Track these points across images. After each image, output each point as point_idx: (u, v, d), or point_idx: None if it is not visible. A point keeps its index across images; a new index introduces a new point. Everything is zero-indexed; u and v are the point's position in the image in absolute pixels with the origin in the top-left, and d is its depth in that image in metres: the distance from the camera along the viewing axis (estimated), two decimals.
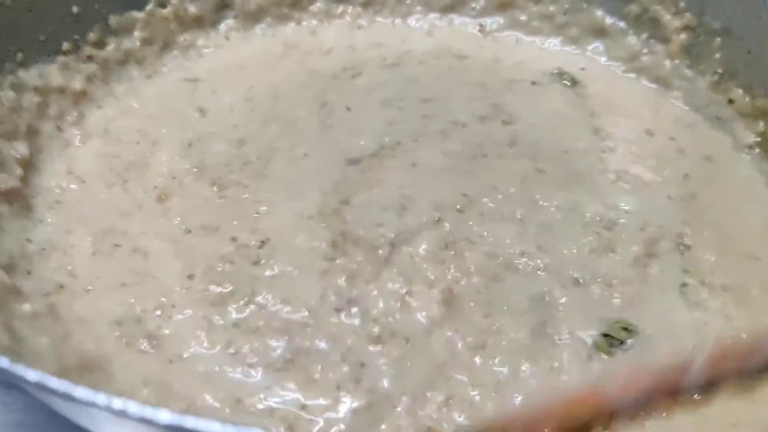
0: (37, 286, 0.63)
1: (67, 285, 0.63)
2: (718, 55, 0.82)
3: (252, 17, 0.90)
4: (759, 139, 0.78)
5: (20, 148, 0.70)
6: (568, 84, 0.85)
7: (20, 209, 0.68)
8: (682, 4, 0.83)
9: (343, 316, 0.61)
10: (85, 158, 0.74)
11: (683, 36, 0.84)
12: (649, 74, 0.86)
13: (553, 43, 0.90)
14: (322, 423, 0.56)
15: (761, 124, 0.78)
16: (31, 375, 0.31)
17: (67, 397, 0.30)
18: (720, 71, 0.82)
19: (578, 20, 0.90)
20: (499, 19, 0.92)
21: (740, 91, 0.80)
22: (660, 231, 0.69)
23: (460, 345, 0.60)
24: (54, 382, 0.31)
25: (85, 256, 0.66)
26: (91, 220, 0.68)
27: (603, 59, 0.89)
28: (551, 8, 0.90)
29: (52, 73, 0.76)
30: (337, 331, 0.61)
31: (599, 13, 0.88)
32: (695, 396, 0.54)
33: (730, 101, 0.81)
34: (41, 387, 0.31)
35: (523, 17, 0.91)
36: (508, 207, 0.69)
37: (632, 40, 0.87)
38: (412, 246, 0.65)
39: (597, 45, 0.89)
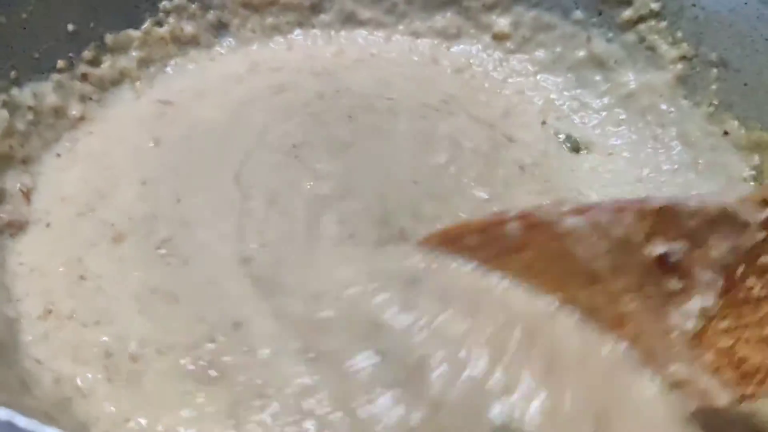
0: (31, 310, 0.63)
1: (54, 311, 0.63)
2: (714, 87, 0.82)
3: (247, 41, 0.90)
4: (754, 172, 0.78)
5: (25, 180, 0.71)
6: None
7: (18, 234, 0.68)
8: (679, 35, 0.83)
9: None
10: (71, 182, 0.73)
11: (680, 66, 0.84)
12: None
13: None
14: None
15: (756, 157, 0.78)
16: (1, 413, 0.30)
17: None
18: (716, 103, 0.82)
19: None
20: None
21: (736, 123, 0.80)
22: None
23: None
24: (22, 421, 0.30)
25: (62, 284, 0.65)
26: (64, 247, 0.68)
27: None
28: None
29: (46, 91, 0.75)
30: None
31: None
32: None
33: (726, 133, 0.81)
34: (11, 426, 0.30)
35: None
36: None
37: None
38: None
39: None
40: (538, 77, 0.90)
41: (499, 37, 0.92)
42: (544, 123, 0.85)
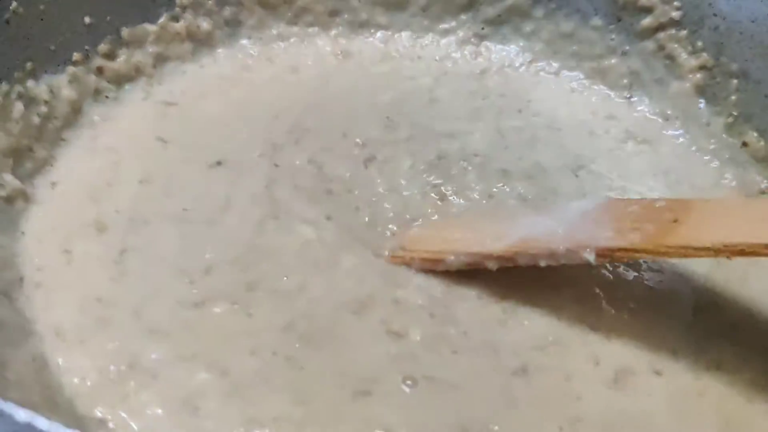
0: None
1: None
2: (733, 98, 0.81)
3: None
4: None
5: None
6: None
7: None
8: (699, 44, 0.82)
9: None
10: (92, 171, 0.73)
11: (699, 76, 0.83)
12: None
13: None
14: None
15: None
16: (21, 415, 0.29)
17: None
18: (735, 114, 0.81)
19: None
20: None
21: (755, 134, 0.79)
22: None
23: None
24: (44, 424, 0.29)
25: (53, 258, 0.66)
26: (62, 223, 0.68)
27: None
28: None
29: (61, 84, 0.75)
30: None
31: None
32: None
33: (744, 144, 0.80)
34: (32, 428, 0.29)
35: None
36: None
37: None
38: None
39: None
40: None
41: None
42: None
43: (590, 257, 0.60)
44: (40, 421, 0.30)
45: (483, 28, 0.92)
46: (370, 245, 0.69)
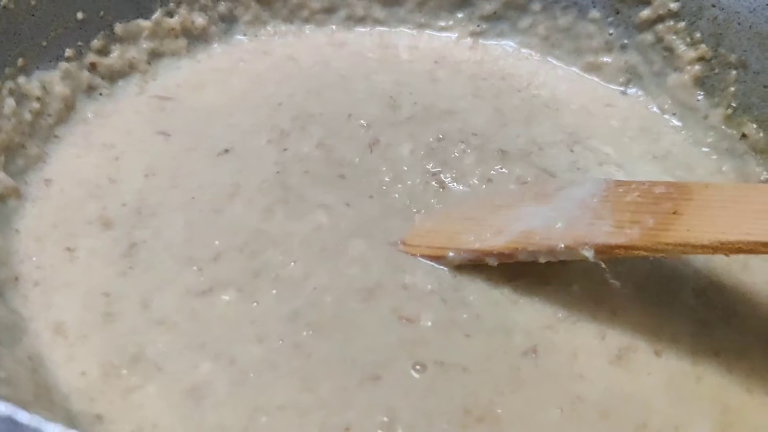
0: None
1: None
2: (732, 89, 0.80)
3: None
4: None
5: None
6: None
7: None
8: (697, 35, 0.82)
9: None
10: (87, 168, 0.73)
11: (697, 67, 0.82)
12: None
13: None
14: None
15: None
16: (1, 408, 0.29)
17: None
18: (734, 105, 0.80)
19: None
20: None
21: (754, 126, 0.79)
22: None
23: None
24: (24, 417, 0.29)
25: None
26: (62, 220, 0.68)
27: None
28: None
29: (53, 80, 0.74)
30: None
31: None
32: None
33: (744, 136, 0.79)
34: (12, 421, 0.29)
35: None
36: None
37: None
38: None
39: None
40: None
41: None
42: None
43: (589, 254, 0.60)
44: (21, 415, 0.29)
45: (479, 26, 0.91)
46: (381, 234, 0.68)
